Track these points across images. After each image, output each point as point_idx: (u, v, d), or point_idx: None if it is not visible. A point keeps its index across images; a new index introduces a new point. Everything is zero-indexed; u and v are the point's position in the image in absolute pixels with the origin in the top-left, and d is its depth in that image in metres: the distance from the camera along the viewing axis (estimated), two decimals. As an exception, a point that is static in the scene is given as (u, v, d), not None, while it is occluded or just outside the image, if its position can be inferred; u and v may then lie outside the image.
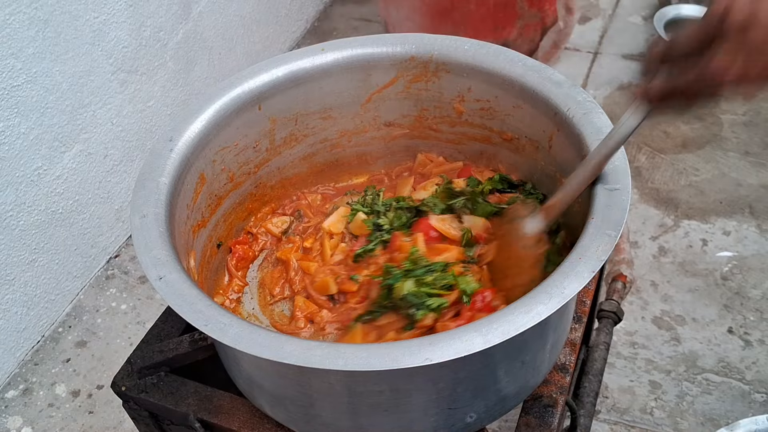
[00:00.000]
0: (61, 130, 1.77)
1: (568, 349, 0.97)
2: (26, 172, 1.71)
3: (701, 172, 2.23)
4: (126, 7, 1.87)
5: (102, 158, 1.94)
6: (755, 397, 1.65)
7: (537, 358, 0.85)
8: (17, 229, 1.73)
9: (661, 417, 1.63)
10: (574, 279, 0.72)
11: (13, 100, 1.61)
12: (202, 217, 0.99)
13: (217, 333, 0.70)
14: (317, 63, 1.03)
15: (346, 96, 1.08)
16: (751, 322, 1.81)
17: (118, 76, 1.91)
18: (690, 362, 1.73)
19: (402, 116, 1.12)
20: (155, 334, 1.02)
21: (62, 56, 1.71)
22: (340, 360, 0.67)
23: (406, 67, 1.05)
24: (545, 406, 0.91)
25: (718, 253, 1.98)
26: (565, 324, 0.94)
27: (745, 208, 2.10)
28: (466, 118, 1.07)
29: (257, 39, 2.57)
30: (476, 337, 0.67)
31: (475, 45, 1.02)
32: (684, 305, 1.85)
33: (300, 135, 1.10)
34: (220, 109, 0.97)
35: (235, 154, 1.03)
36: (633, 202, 2.14)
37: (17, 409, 1.76)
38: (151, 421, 0.99)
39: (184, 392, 0.94)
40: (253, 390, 0.87)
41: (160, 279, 0.76)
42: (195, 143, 0.93)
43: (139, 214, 0.83)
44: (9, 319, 1.78)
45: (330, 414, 0.83)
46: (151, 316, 1.90)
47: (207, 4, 2.22)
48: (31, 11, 1.60)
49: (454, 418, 0.82)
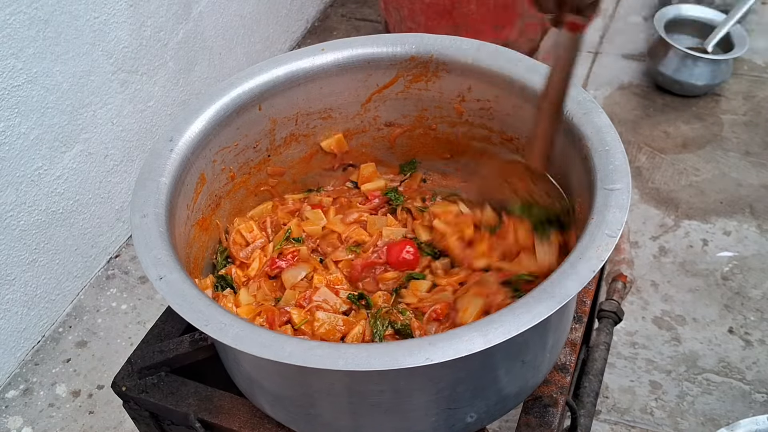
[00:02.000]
0: (61, 130, 1.77)
1: (568, 349, 0.97)
2: (27, 172, 1.71)
3: (702, 172, 2.23)
4: (126, 7, 1.87)
5: (102, 158, 1.94)
6: (756, 397, 1.65)
7: (537, 358, 0.86)
8: (18, 229, 1.73)
9: (662, 417, 1.63)
10: (574, 279, 0.72)
11: (13, 100, 1.61)
12: (203, 216, 0.99)
13: (218, 333, 0.70)
14: (317, 63, 1.03)
15: (346, 96, 1.08)
16: (752, 322, 1.81)
17: (118, 76, 1.91)
18: (690, 362, 1.73)
19: (402, 116, 1.12)
20: (155, 334, 1.02)
21: (63, 56, 1.72)
22: (340, 360, 0.67)
23: (406, 67, 1.05)
24: (545, 406, 0.91)
25: (719, 253, 1.98)
26: (566, 324, 0.94)
27: (746, 208, 2.10)
28: (466, 118, 1.08)
29: (257, 39, 2.57)
30: (477, 337, 0.67)
31: (475, 45, 1.02)
32: (684, 305, 1.85)
33: (300, 135, 1.10)
34: (221, 109, 0.97)
35: (236, 154, 1.03)
36: (633, 202, 2.14)
37: (17, 409, 1.76)
38: (152, 421, 0.99)
39: (185, 392, 0.94)
40: (254, 390, 0.88)
41: (160, 279, 0.76)
42: (195, 143, 0.93)
43: (139, 214, 0.83)
44: (9, 319, 1.78)
45: (330, 414, 0.83)
46: (152, 316, 1.90)
47: (207, 4, 2.22)
48: (31, 11, 1.60)
49: (455, 418, 0.82)
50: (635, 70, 2.62)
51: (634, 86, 2.56)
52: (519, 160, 0.96)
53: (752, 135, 2.34)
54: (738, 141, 2.32)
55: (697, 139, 2.34)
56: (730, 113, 2.43)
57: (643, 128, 2.39)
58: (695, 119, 2.41)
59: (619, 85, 2.57)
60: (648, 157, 2.29)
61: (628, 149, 2.29)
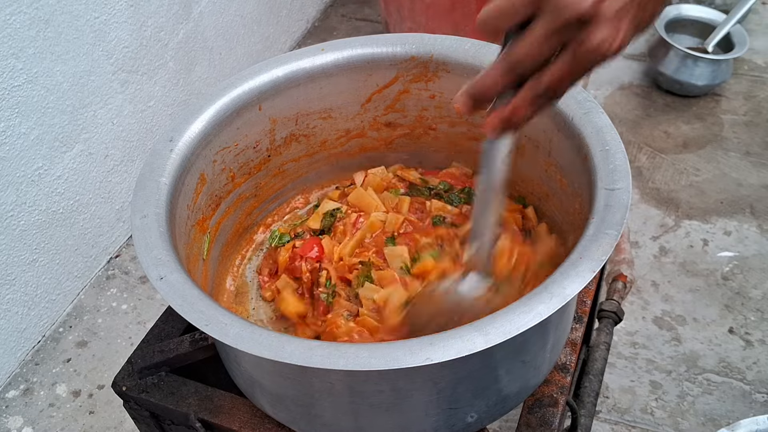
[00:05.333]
0: (61, 130, 1.77)
1: (568, 349, 0.97)
2: (27, 172, 1.71)
3: (702, 172, 2.23)
4: (127, 7, 1.87)
5: (103, 158, 1.94)
6: (756, 397, 1.65)
7: (538, 357, 0.86)
8: (18, 229, 1.73)
9: (662, 417, 1.63)
10: (574, 279, 0.72)
11: (13, 100, 1.61)
12: (203, 216, 0.99)
13: (218, 333, 0.70)
14: (317, 63, 1.03)
15: (346, 96, 1.08)
16: (752, 322, 1.81)
17: (118, 76, 1.91)
18: (691, 362, 1.73)
19: (402, 116, 1.12)
20: (156, 334, 1.02)
21: (63, 56, 1.72)
22: (341, 360, 0.67)
23: (406, 68, 1.05)
24: (546, 406, 0.91)
25: (719, 253, 1.98)
26: (566, 324, 0.94)
27: (746, 209, 2.09)
28: (466, 118, 1.07)
29: (258, 39, 2.57)
30: (477, 337, 0.67)
31: (475, 45, 1.02)
32: (685, 305, 1.85)
33: (300, 135, 1.10)
34: (221, 110, 0.97)
35: (236, 154, 1.03)
36: (634, 202, 2.14)
37: (18, 409, 1.76)
38: (152, 421, 0.99)
39: (185, 392, 0.94)
40: (254, 390, 0.88)
41: (160, 279, 0.76)
42: (195, 143, 0.93)
43: (139, 215, 0.83)
44: (10, 319, 1.78)
45: (331, 414, 0.83)
46: (152, 316, 1.90)
47: (208, 4, 2.22)
48: (31, 11, 1.60)
49: (455, 418, 0.82)
50: (636, 70, 2.62)
51: (634, 86, 2.56)
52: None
53: (752, 135, 2.34)
54: (738, 141, 2.32)
55: (698, 139, 2.34)
56: (731, 113, 2.43)
57: (644, 128, 2.39)
58: (696, 119, 2.41)
59: (620, 85, 2.57)
60: (648, 157, 2.29)
61: (629, 149, 2.29)
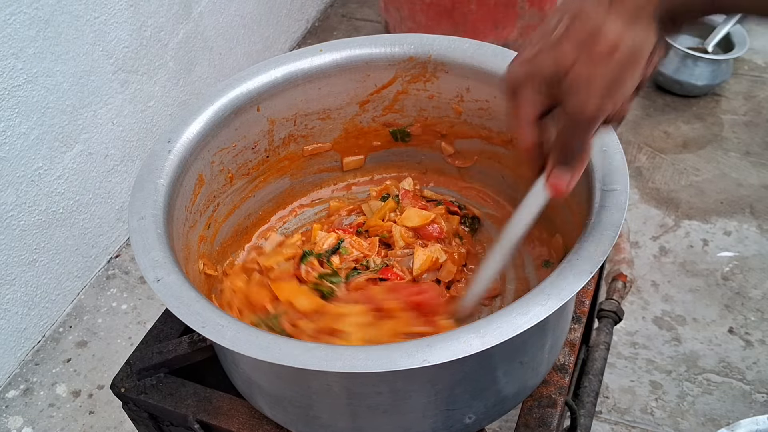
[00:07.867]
0: (61, 130, 1.77)
1: (567, 350, 0.97)
2: (27, 172, 1.71)
3: (702, 172, 2.22)
4: (127, 7, 1.87)
5: (103, 158, 1.94)
6: (756, 397, 1.65)
7: (536, 358, 0.85)
8: (18, 229, 1.73)
9: (662, 417, 1.63)
10: (572, 280, 0.72)
11: (13, 100, 1.61)
12: (201, 217, 0.99)
13: (215, 335, 0.70)
14: (315, 64, 1.03)
15: (344, 97, 1.08)
16: (752, 322, 1.80)
17: (118, 76, 1.91)
18: (691, 362, 1.73)
19: (401, 117, 1.12)
20: (154, 336, 1.02)
21: (63, 56, 1.72)
22: (338, 362, 0.67)
23: (405, 68, 1.05)
24: (544, 407, 0.91)
25: (719, 253, 1.97)
26: (564, 324, 0.94)
27: (746, 209, 2.09)
28: (465, 118, 1.07)
29: (258, 39, 2.57)
30: (474, 339, 0.67)
31: (474, 45, 1.02)
32: (685, 305, 1.85)
33: (299, 136, 1.10)
34: (219, 111, 0.97)
35: (234, 155, 1.02)
36: (634, 202, 2.14)
37: (18, 409, 1.76)
38: (151, 423, 0.99)
39: (184, 393, 0.94)
40: (252, 391, 0.88)
41: (158, 281, 0.76)
42: (193, 145, 0.93)
43: (137, 216, 0.83)
44: (10, 319, 1.78)
45: (329, 415, 0.83)
46: (152, 316, 1.90)
47: (207, 4, 2.22)
48: (32, 11, 1.60)
49: (453, 419, 0.82)
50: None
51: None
52: None
53: (752, 135, 2.34)
54: (738, 141, 2.32)
55: (698, 139, 2.34)
56: (731, 113, 2.42)
57: (644, 128, 2.39)
58: (695, 119, 2.41)
59: (620, 85, 2.56)
60: (648, 157, 2.29)
61: (629, 149, 2.29)
